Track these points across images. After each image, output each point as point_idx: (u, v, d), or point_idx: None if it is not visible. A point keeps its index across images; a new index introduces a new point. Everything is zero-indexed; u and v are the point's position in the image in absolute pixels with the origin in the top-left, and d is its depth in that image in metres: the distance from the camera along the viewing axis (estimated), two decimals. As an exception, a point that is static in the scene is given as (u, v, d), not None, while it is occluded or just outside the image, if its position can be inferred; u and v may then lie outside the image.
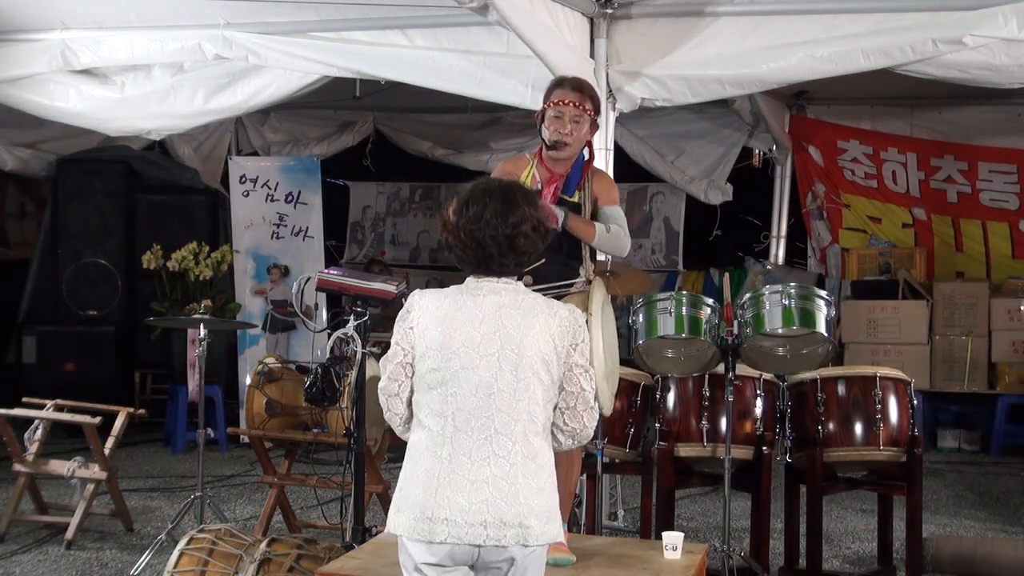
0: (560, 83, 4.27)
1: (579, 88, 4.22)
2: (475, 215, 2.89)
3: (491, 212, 2.89)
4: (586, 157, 4.30)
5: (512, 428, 2.82)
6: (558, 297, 3.74)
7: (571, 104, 4.14)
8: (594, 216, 4.26)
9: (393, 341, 2.97)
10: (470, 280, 2.97)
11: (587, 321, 3.79)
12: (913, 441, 4.99)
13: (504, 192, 2.93)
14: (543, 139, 4.20)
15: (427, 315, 2.91)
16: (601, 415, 4.12)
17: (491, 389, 2.82)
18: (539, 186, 4.19)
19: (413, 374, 2.93)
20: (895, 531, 5.51)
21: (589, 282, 4.19)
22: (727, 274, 5.45)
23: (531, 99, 5.95)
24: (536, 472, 2.84)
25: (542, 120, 4.21)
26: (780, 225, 10.19)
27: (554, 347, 2.88)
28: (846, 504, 6.91)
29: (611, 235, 4.17)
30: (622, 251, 4.30)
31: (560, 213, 4.04)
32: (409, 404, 2.97)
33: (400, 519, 2.85)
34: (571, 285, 4.10)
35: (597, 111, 4.26)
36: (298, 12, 6.25)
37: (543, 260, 3.31)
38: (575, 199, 4.21)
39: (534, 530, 2.80)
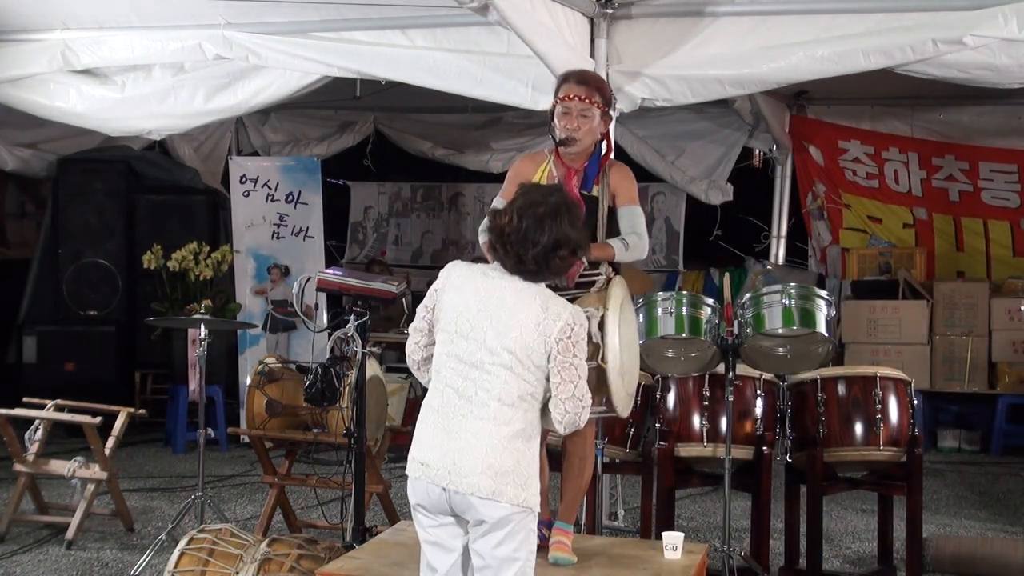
0: (566, 78, 4.26)
1: (584, 81, 4.21)
2: (524, 233, 3.14)
3: (539, 232, 3.14)
4: (603, 151, 4.29)
5: (488, 395, 3.12)
6: (574, 299, 3.75)
7: (576, 98, 4.14)
8: (612, 215, 4.24)
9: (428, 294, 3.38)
10: (495, 264, 3.26)
11: (603, 317, 3.79)
12: (913, 441, 4.99)
13: (554, 212, 3.17)
14: (553, 137, 4.20)
15: (449, 282, 3.27)
16: (617, 416, 4.11)
17: (476, 358, 3.15)
18: (556, 182, 4.18)
19: (431, 329, 3.31)
20: (895, 531, 5.50)
21: (609, 280, 4.19)
22: (727, 274, 5.44)
23: (531, 99, 5.95)
24: (507, 437, 3.10)
25: (553, 118, 4.21)
26: (780, 225, 10.19)
27: (538, 335, 3.12)
28: (846, 504, 6.91)
29: (629, 250, 4.15)
30: (641, 257, 4.30)
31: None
32: (425, 351, 3.34)
33: (408, 462, 3.24)
34: (592, 283, 4.09)
35: (607, 102, 4.24)
36: (298, 12, 6.25)
37: None
38: (594, 194, 4.20)
39: (489, 485, 3.07)
